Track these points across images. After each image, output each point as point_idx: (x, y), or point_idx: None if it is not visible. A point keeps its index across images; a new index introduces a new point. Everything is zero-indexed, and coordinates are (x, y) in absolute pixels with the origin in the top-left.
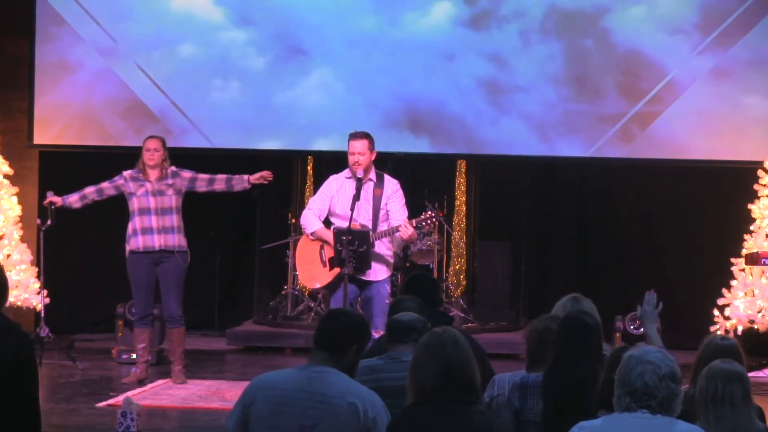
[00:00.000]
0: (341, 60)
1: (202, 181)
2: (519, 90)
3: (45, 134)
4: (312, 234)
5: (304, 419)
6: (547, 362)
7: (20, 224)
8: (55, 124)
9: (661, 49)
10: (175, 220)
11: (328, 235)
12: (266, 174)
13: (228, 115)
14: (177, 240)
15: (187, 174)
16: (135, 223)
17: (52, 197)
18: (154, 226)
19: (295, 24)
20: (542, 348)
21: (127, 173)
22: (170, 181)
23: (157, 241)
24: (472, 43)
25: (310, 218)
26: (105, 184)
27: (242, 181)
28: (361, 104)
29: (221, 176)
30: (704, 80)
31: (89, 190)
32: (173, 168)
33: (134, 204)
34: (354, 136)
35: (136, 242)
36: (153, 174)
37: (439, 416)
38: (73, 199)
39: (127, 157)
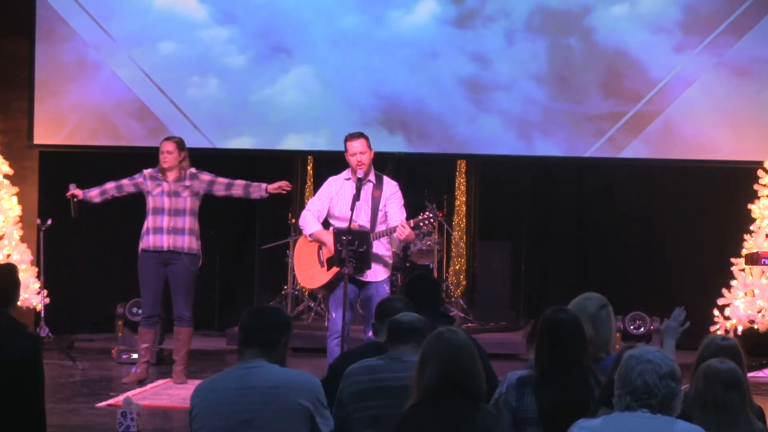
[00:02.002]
0: (323, 58)
1: (221, 185)
2: (501, 88)
3: (45, 134)
4: (310, 235)
5: (241, 415)
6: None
7: (20, 224)
8: (55, 124)
9: (655, 49)
10: (187, 222)
11: (327, 237)
12: (284, 184)
13: (225, 113)
14: (187, 242)
15: (206, 177)
16: (148, 222)
17: (74, 189)
18: (165, 226)
19: (279, 22)
20: None
21: (147, 171)
22: (187, 183)
23: (166, 241)
24: (456, 41)
25: (309, 219)
26: (125, 181)
27: (260, 190)
28: (338, 102)
29: (240, 182)
30: (704, 81)
31: (109, 186)
32: (192, 170)
33: (150, 203)
34: (351, 136)
35: (147, 241)
36: (171, 175)
37: (440, 415)
38: (94, 194)
39: (129, 157)
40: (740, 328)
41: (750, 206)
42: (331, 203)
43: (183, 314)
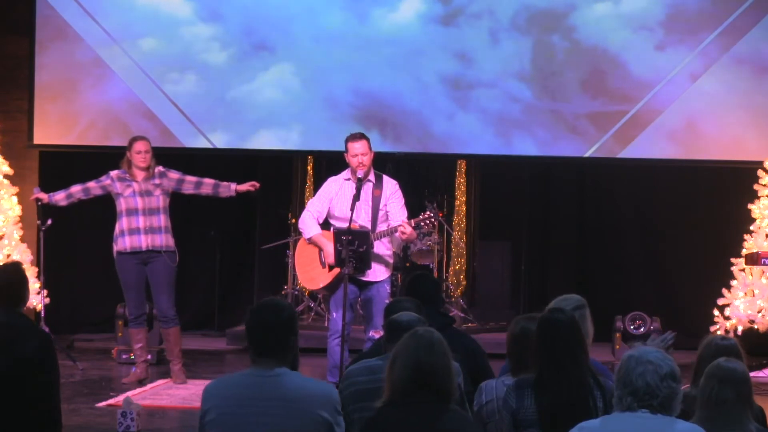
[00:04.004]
0: (305, 56)
1: (189, 184)
2: (484, 86)
3: (50, 135)
4: (309, 240)
5: (263, 427)
6: (531, 368)
7: (20, 224)
8: (56, 124)
9: (644, 50)
10: (162, 220)
11: (324, 243)
12: (251, 185)
13: (200, 109)
14: (164, 240)
15: (174, 175)
16: (122, 223)
17: (38, 194)
18: (141, 226)
19: (264, 20)
20: (524, 352)
21: (113, 173)
22: (157, 181)
23: (144, 242)
24: (439, 40)
25: (308, 222)
26: (91, 184)
27: (229, 190)
28: (316, 99)
29: (209, 181)
30: (704, 81)
31: (75, 189)
32: (160, 168)
33: (122, 205)
34: (353, 137)
35: (123, 243)
36: (140, 174)
37: (410, 416)
38: (60, 197)
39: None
40: (740, 328)
41: (750, 206)
42: (331, 203)
43: (168, 314)
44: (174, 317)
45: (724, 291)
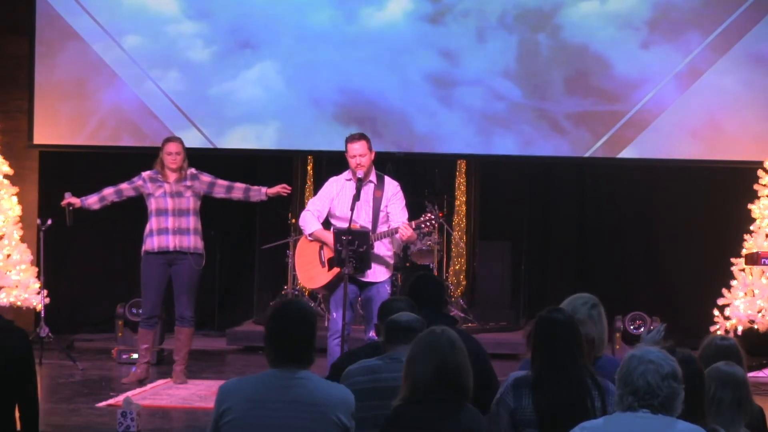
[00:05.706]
0: (291, 54)
1: (221, 188)
2: (468, 85)
3: (51, 134)
4: (311, 235)
5: (283, 429)
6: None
7: (20, 224)
8: (62, 124)
9: (644, 50)
10: (191, 222)
11: (327, 236)
12: (282, 188)
13: (181, 105)
14: (192, 242)
15: (206, 178)
16: (152, 223)
17: (70, 198)
18: (170, 227)
19: (252, 18)
20: None
21: (146, 174)
22: (189, 183)
23: (171, 242)
24: (426, 38)
25: (309, 219)
26: (124, 185)
27: (259, 194)
28: (298, 97)
29: (240, 185)
30: (704, 80)
31: (108, 191)
32: (192, 170)
33: (152, 205)
34: (352, 138)
35: (151, 243)
36: (172, 176)
37: (430, 414)
38: (92, 201)
39: (130, 157)
40: (740, 328)
41: (750, 206)
42: (331, 204)
43: (185, 314)
44: (190, 318)
45: (724, 291)
